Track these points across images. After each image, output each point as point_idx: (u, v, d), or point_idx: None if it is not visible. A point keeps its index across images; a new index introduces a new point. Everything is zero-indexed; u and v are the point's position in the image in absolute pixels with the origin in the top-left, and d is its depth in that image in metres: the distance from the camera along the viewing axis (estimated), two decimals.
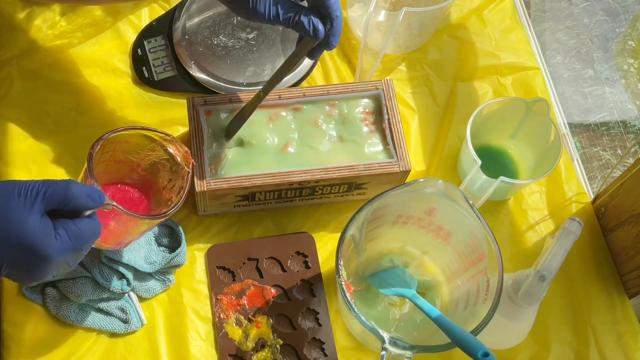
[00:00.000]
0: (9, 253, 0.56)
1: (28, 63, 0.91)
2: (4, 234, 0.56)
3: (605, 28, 1.42)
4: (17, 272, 0.58)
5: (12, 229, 0.55)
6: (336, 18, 0.68)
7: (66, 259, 0.59)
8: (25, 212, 0.56)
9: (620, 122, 1.32)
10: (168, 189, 0.76)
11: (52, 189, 0.57)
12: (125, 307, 0.78)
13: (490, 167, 0.88)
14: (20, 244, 0.56)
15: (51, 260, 0.57)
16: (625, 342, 0.84)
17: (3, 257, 0.57)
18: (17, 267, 0.58)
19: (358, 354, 0.81)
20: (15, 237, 0.56)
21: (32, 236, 0.56)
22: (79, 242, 0.58)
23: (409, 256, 0.83)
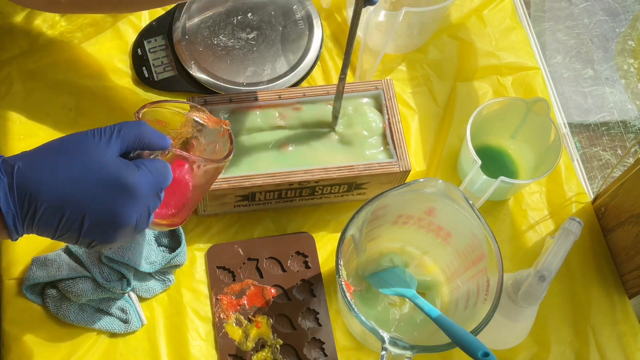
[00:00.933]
0: (93, 195, 0.55)
1: (28, 63, 0.91)
2: (86, 176, 0.55)
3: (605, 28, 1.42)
4: (101, 223, 0.56)
5: (94, 169, 0.55)
6: None
7: (147, 203, 0.57)
8: (103, 150, 0.56)
9: (620, 122, 1.32)
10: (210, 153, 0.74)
11: (126, 128, 0.57)
12: (125, 307, 0.78)
13: (490, 167, 0.88)
14: (104, 180, 0.55)
15: (138, 193, 0.56)
16: (625, 342, 0.84)
17: (86, 203, 0.55)
18: (103, 210, 0.55)
19: (358, 354, 0.81)
20: (98, 175, 0.55)
21: (115, 170, 0.55)
22: (160, 177, 0.58)
23: (409, 256, 0.83)
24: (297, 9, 0.94)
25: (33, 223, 0.55)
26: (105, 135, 0.57)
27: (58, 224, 0.55)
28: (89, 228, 0.56)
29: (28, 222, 0.55)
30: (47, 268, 0.77)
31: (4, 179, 0.53)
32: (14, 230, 0.54)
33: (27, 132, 0.87)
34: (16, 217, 0.54)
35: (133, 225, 0.58)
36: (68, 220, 0.55)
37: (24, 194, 0.54)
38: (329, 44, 0.97)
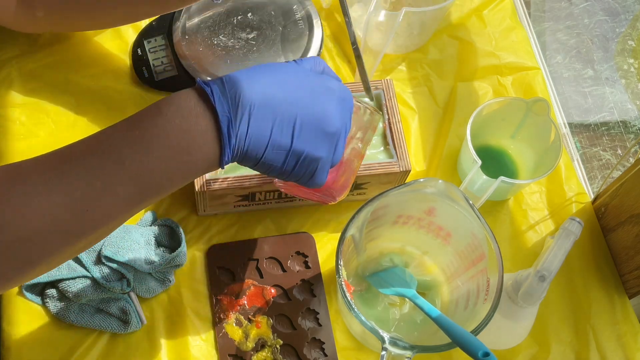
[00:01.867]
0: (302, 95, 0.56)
1: (28, 63, 0.91)
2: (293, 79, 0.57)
3: (605, 28, 1.42)
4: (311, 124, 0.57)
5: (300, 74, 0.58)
6: None
7: (345, 114, 0.59)
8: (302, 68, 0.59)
9: (620, 122, 1.32)
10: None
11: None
12: (125, 307, 0.78)
13: (490, 167, 0.88)
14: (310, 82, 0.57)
15: (339, 96, 0.59)
16: (625, 342, 0.84)
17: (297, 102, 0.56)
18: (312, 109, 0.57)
19: (358, 354, 0.81)
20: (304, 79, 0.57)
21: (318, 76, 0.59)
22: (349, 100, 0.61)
23: (409, 256, 0.83)
24: (297, 9, 0.94)
25: (247, 128, 0.54)
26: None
27: (272, 127, 0.55)
28: (300, 130, 0.56)
29: (242, 130, 0.54)
30: None
31: (215, 85, 0.54)
32: (227, 140, 0.54)
33: (27, 132, 0.87)
34: (231, 122, 0.54)
35: (337, 132, 0.58)
36: (282, 120, 0.55)
37: (236, 97, 0.54)
38: (329, 44, 0.97)
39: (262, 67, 0.57)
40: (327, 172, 0.61)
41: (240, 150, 0.56)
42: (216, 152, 0.55)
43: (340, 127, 0.59)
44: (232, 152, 0.55)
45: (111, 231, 0.56)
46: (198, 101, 0.54)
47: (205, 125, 0.54)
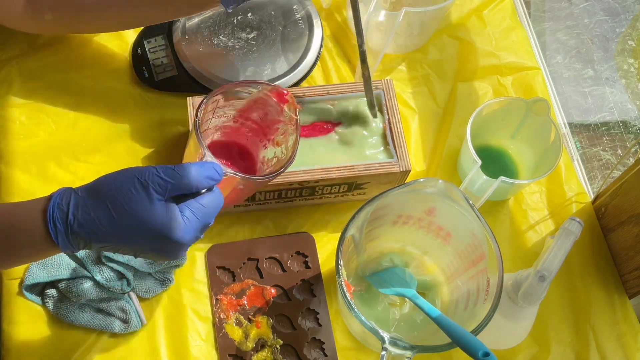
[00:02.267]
0: (146, 244, 0.59)
1: (28, 63, 0.91)
2: (137, 228, 0.58)
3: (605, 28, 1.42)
4: (152, 257, 0.62)
5: (143, 222, 0.58)
6: None
7: (197, 235, 0.61)
8: (150, 203, 0.58)
9: (620, 122, 1.32)
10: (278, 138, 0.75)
11: (173, 179, 0.59)
12: (125, 307, 0.78)
13: (490, 167, 0.88)
14: (153, 234, 0.58)
15: (184, 243, 0.60)
16: (625, 342, 0.84)
17: (137, 249, 0.60)
18: (152, 253, 0.61)
19: (358, 354, 0.81)
20: (148, 229, 0.58)
21: (162, 227, 0.58)
22: (206, 218, 0.61)
23: (409, 256, 0.83)
24: (297, 9, 0.94)
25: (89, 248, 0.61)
26: (153, 186, 0.58)
27: (115, 252, 0.61)
28: (143, 256, 0.62)
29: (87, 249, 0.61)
30: (46, 268, 0.77)
31: (61, 228, 0.58)
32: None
33: (27, 132, 0.87)
34: (74, 250, 0.60)
35: (189, 245, 0.62)
36: (123, 252, 0.61)
37: (79, 240, 0.59)
38: (329, 44, 0.97)
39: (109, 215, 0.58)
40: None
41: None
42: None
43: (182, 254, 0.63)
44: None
45: None
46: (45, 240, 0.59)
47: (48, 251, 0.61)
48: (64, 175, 0.85)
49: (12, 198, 0.83)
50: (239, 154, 0.78)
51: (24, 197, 0.83)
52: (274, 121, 0.75)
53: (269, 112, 0.74)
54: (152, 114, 0.90)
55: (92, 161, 0.87)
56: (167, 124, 0.89)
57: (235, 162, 0.76)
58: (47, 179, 0.85)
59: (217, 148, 0.77)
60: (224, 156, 0.77)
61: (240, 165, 0.77)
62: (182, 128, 0.89)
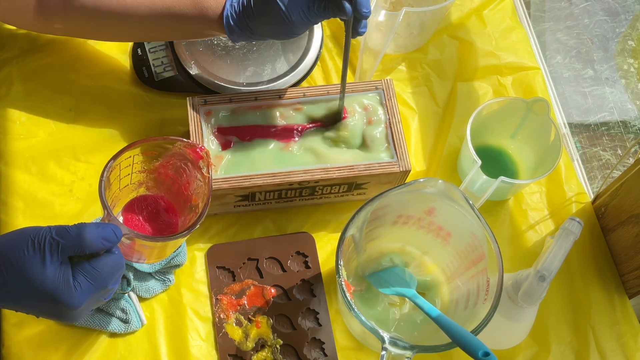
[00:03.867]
0: (36, 306, 0.59)
1: (28, 63, 0.91)
2: (26, 290, 0.57)
3: (605, 28, 1.42)
4: (52, 318, 0.62)
5: (33, 284, 0.57)
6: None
7: (94, 299, 0.60)
8: (42, 265, 0.57)
9: (620, 122, 1.32)
10: (196, 194, 0.74)
11: (66, 239, 0.58)
12: (125, 307, 0.78)
13: (490, 167, 0.88)
14: (43, 297, 0.57)
15: (76, 308, 0.59)
16: (625, 342, 0.84)
17: (31, 310, 0.59)
18: (47, 316, 0.60)
19: (358, 354, 0.81)
20: (37, 292, 0.57)
21: (53, 290, 0.57)
22: (100, 282, 0.59)
23: (409, 256, 0.83)
24: None
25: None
26: (45, 248, 0.57)
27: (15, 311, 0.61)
28: (44, 317, 0.61)
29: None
30: None
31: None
32: None
33: (27, 132, 0.87)
34: None
35: (84, 311, 0.61)
36: (23, 311, 0.60)
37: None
38: (329, 44, 0.97)
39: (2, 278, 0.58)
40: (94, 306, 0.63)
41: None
42: None
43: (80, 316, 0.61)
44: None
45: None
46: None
47: None
48: (64, 175, 0.85)
49: (12, 198, 0.83)
50: (165, 208, 0.77)
51: (24, 197, 0.83)
52: (191, 177, 0.74)
53: (187, 167, 0.74)
54: (152, 114, 0.90)
55: (92, 161, 0.87)
56: (167, 124, 0.89)
57: (158, 217, 0.75)
58: (47, 179, 0.85)
59: (140, 203, 0.76)
60: (148, 211, 0.76)
61: (163, 221, 0.75)
62: (182, 128, 0.89)
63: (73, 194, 0.85)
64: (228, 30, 0.74)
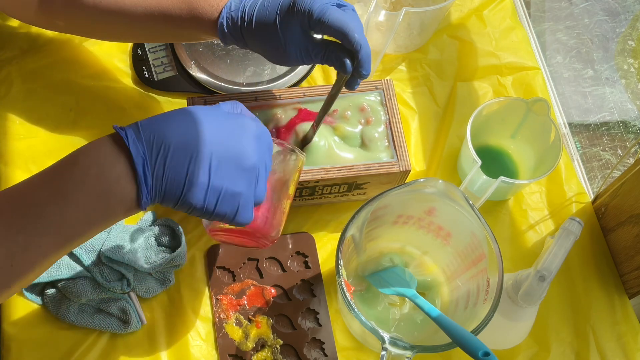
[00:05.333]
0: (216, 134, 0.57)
1: (28, 63, 0.91)
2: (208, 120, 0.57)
3: (605, 28, 1.42)
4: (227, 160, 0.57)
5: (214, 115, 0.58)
6: (360, 50, 0.67)
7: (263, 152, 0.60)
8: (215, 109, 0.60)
9: (620, 122, 1.32)
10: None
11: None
12: (125, 307, 0.78)
13: (490, 167, 0.88)
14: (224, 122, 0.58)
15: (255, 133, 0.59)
16: (625, 342, 0.84)
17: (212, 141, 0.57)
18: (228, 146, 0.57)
19: (358, 354, 0.81)
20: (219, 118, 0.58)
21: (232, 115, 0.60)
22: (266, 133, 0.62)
23: (409, 256, 0.83)
24: None
25: (163, 168, 0.55)
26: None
27: (188, 165, 0.56)
28: (217, 167, 0.57)
29: (158, 170, 0.55)
30: None
31: (129, 129, 0.55)
32: (143, 180, 0.55)
33: (27, 132, 0.87)
34: (146, 163, 0.55)
35: (255, 167, 0.59)
36: (198, 158, 0.56)
37: (151, 139, 0.55)
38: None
39: (178, 111, 0.58)
40: (251, 209, 0.61)
41: (158, 191, 0.56)
42: (133, 195, 0.55)
43: (257, 162, 0.59)
44: (150, 194, 0.56)
45: (41, 273, 0.57)
46: (113, 147, 0.55)
47: (121, 169, 0.54)
48: None
49: None
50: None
51: None
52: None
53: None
54: (152, 114, 0.90)
55: None
56: None
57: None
58: None
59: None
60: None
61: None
62: None
63: None
64: (221, 36, 0.73)
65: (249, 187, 0.59)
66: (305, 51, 0.70)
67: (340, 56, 0.68)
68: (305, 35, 0.69)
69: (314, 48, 0.69)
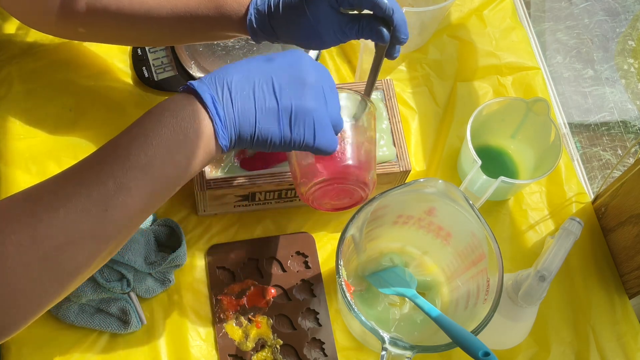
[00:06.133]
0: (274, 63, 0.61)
1: (28, 63, 0.91)
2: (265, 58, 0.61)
3: (605, 28, 1.42)
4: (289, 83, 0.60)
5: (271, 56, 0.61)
6: (394, 14, 0.67)
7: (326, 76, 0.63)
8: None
9: (620, 122, 1.32)
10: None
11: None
12: (125, 307, 0.78)
13: (490, 167, 0.88)
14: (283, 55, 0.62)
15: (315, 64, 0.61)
16: (625, 342, 0.84)
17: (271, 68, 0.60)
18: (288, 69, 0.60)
19: (358, 354, 0.81)
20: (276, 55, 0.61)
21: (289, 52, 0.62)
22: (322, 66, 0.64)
23: (409, 256, 0.83)
24: None
25: (231, 100, 0.58)
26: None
27: (253, 92, 0.59)
28: (281, 88, 0.60)
29: (226, 102, 0.58)
30: None
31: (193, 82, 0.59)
32: (215, 113, 0.58)
33: (27, 132, 0.87)
34: (214, 99, 0.58)
35: (318, 81, 0.61)
36: (260, 84, 0.59)
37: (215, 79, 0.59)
38: None
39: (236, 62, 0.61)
40: (330, 130, 0.62)
41: (232, 124, 0.58)
42: (210, 131, 0.58)
43: (319, 79, 0.61)
44: (226, 127, 0.58)
45: (133, 231, 0.58)
46: (182, 96, 0.59)
47: (193, 109, 0.57)
48: None
49: None
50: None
51: None
52: None
53: None
54: None
55: None
56: None
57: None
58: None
59: None
60: None
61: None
62: None
63: None
64: (251, 33, 0.73)
65: (318, 102, 0.61)
66: (338, 29, 0.69)
67: (374, 26, 0.67)
68: (334, 12, 0.68)
69: (347, 24, 0.69)
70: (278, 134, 0.60)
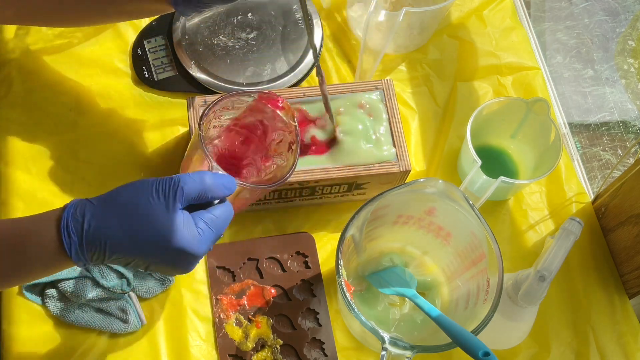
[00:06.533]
0: (158, 255, 0.58)
1: (28, 63, 0.91)
2: (153, 239, 0.57)
3: (605, 28, 1.42)
4: (163, 270, 0.61)
5: (161, 232, 0.57)
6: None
7: (209, 247, 0.61)
8: (167, 213, 0.57)
9: (621, 122, 1.32)
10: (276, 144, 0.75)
11: (188, 185, 0.58)
12: (125, 307, 0.78)
13: (490, 167, 0.88)
14: (169, 245, 0.57)
15: (199, 255, 0.59)
16: (625, 342, 0.84)
17: (150, 261, 0.59)
18: (165, 265, 0.59)
19: (358, 354, 0.81)
20: (164, 240, 0.57)
21: (180, 237, 0.57)
22: (219, 230, 0.60)
23: (409, 256, 0.83)
24: (297, 9, 0.94)
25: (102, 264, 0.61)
26: (170, 194, 0.58)
27: (125, 266, 0.60)
28: (153, 269, 0.60)
29: (96, 264, 0.62)
30: None
31: (75, 238, 0.57)
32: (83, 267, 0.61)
33: (27, 132, 0.87)
34: (87, 264, 0.59)
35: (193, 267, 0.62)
36: (134, 265, 0.60)
37: (93, 252, 0.58)
38: (329, 44, 0.97)
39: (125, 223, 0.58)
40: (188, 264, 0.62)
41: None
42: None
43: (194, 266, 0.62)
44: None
45: None
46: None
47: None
48: (64, 175, 0.85)
49: (12, 198, 0.83)
50: (236, 163, 0.78)
51: (23, 197, 0.83)
52: (270, 128, 0.75)
53: (264, 119, 0.75)
54: (152, 114, 0.90)
55: (92, 161, 0.87)
56: (167, 123, 0.89)
57: (236, 171, 0.76)
58: (47, 179, 0.85)
59: (215, 158, 0.77)
60: (224, 166, 0.76)
61: (240, 174, 0.77)
62: (182, 128, 0.89)
63: (73, 194, 0.84)
64: (173, 1, 0.72)
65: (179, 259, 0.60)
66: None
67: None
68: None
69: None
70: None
